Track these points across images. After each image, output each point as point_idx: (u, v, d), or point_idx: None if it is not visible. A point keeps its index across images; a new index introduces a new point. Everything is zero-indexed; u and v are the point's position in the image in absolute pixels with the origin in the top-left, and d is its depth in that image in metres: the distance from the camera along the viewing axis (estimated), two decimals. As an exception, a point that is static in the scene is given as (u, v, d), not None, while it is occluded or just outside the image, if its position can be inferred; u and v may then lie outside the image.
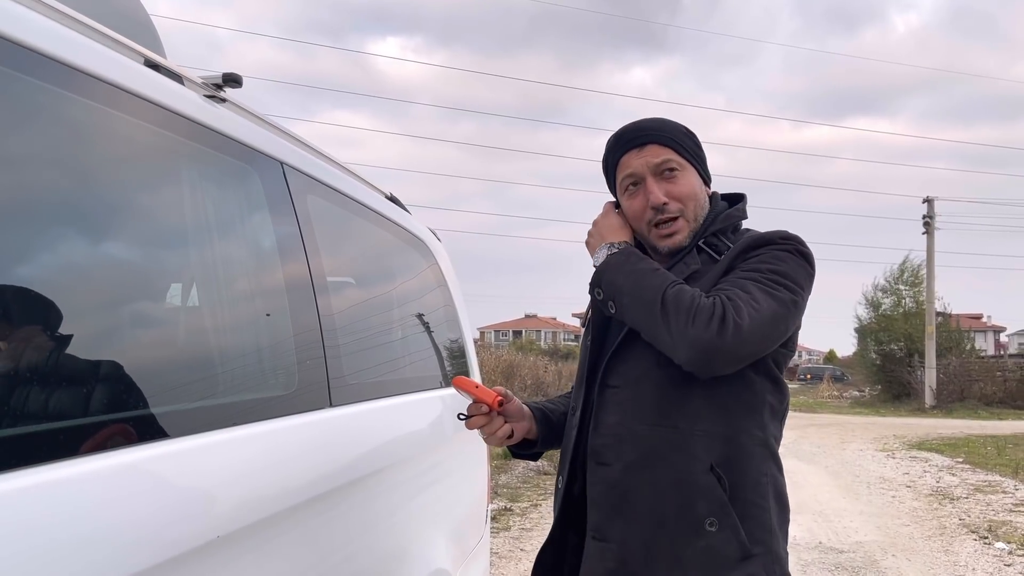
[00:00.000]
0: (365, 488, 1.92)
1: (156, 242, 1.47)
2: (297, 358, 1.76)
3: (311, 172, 2.02)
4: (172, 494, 1.24)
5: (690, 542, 1.53)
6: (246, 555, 1.38)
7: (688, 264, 1.64)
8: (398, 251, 2.73)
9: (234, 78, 1.78)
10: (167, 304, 1.54)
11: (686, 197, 1.67)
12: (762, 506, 1.59)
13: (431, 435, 2.57)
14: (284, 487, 1.54)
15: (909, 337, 28.61)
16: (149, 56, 1.52)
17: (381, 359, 2.39)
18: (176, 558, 1.18)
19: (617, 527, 1.58)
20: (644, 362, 1.59)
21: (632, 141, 1.69)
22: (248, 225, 1.77)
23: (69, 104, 1.23)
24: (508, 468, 10.25)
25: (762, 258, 1.58)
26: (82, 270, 1.25)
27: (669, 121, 1.74)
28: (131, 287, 1.37)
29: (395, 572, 2.08)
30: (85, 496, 1.07)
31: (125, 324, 1.32)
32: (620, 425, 1.60)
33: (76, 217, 1.25)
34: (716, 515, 1.54)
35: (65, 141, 1.24)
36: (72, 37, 1.27)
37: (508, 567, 5.72)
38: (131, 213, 1.41)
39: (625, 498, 1.58)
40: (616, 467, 1.59)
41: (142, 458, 1.20)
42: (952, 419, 20.77)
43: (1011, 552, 6.28)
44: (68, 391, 1.13)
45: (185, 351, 1.49)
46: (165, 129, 1.46)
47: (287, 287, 1.78)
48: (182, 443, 1.29)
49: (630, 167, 1.69)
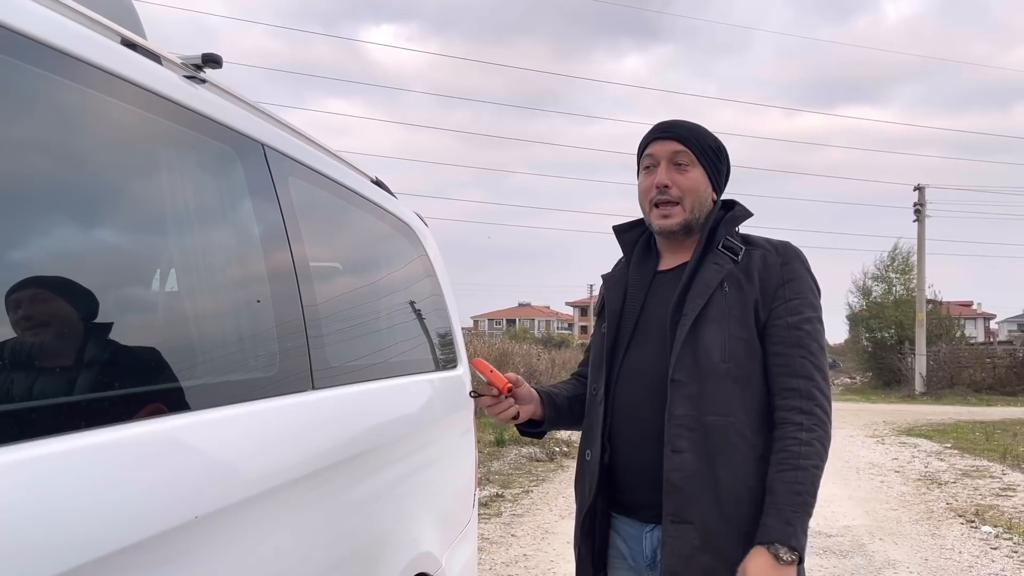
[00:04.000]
0: (350, 470, 1.92)
1: (134, 226, 1.46)
2: (279, 342, 1.75)
3: (293, 155, 2.01)
4: (149, 473, 1.24)
5: (758, 517, 1.74)
6: (225, 536, 1.38)
7: (720, 264, 1.85)
8: (383, 236, 2.72)
9: (213, 58, 1.76)
10: (145, 289, 1.53)
11: (688, 189, 1.89)
12: None
13: (417, 419, 2.57)
14: (267, 468, 1.54)
15: (900, 324, 28.75)
16: (126, 35, 1.51)
17: (366, 343, 2.38)
18: (154, 537, 1.18)
19: (698, 508, 1.74)
20: (707, 360, 1.78)
21: (662, 133, 1.94)
22: (229, 208, 1.76)
23: (42, 83, 1.22)
24: (500, 455, 10.28)
25: (801, 285, 1.84)
26: (60, 254, 1.24)
27: (701, 130, 1.97)
28: (111, 271, 1.36)
29: (380, 556, 2.08)
30: (69, 474, 1.06)
31: (107, 308, 1.31)
32: (691, 417, 1.77)
33: (53, 200, 1.24)
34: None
35: (37, 121, 1.23)
36: (45, 14, 1.26)
37: (499, 552, 5.74)
38: (109, 196, 1.40)
39: (704, 482, 1.75)
40: (689, 454, 1.75)
41: (125, 437, 1.19)
42: (942, 405, 20.90)
43: (997, 536, 6.33)
44: (53, 373, 1.12)
45: (162, 335, 1.48)
46: (142, 109, 1.45)
47: (268, 271, 1.77)
48: (164, 423, 1.29)
49: (653, 151, 1.93)
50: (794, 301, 1.82)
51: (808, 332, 1.81)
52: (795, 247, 1.92)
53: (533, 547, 5.90)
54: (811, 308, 1.84)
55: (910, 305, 27.84)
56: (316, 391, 1.83)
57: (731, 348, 1.79)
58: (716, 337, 1.79)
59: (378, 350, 2.45)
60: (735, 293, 1.82)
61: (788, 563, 1.65)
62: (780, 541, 1.66)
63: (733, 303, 1.81)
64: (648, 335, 1.89)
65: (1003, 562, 5.60)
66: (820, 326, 1.85)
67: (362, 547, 1.98)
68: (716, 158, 1.95)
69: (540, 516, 6.90)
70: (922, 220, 27.00)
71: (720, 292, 1.82)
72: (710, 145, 1.94)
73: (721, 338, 1.79)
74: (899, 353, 28.09)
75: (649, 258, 2.02)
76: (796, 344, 1.80)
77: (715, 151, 1.95)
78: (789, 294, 1.82)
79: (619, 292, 1.99)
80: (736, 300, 1.81)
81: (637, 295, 1.95)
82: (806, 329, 1.81)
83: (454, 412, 2.90)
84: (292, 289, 1.83)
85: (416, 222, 3.03)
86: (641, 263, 2.01)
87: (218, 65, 1.75)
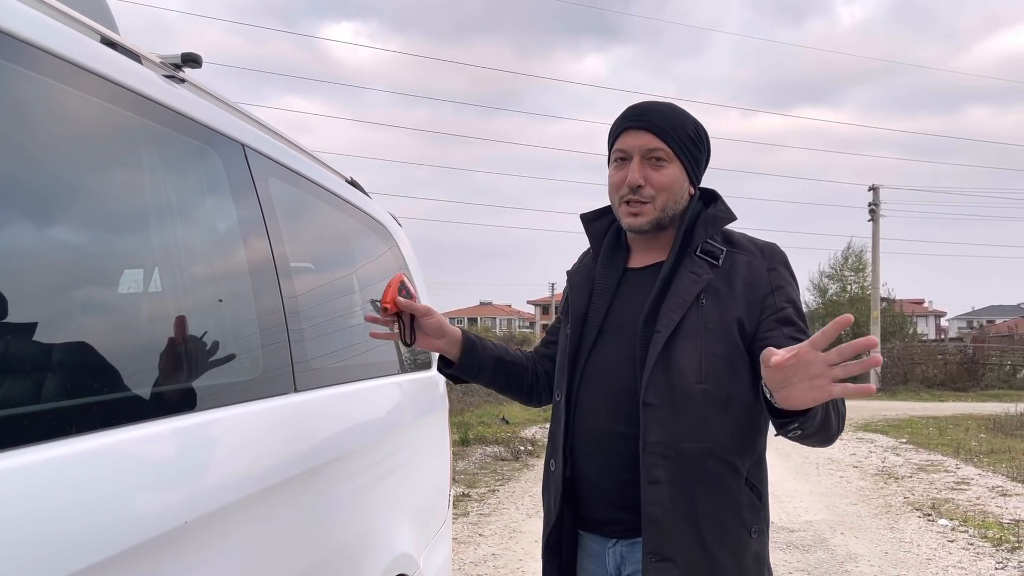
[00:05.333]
0: (331, 474, 1.90)
1: (117, 225, 1.43)
2: (262, 344, 1.74)
3: (273, 155, 1.99)
4: (140, 479, 1.22)
5: (747, 550, 1.66)
6: (213, 540, 1.36)
7: (698, 274, 1.69)
8: (359, 235, 2.71)
9: (193, 58, 1.74)
10: (127, 290, 1.51)
11: (662, 188, 1.73)
12: (768, 508, 1.77)
13: (393, 421, 2.56)
14: (245, 473, 1.53)
15: (855, 322, 29.30)
16: (106, 34, 1.48)
17: (344, 345, 2.37)
18: (144, 543, 1.16)
19: (680, 545, 1.61)
20: (681, 382, 1.63)
21: (635, 122, 1.75)
22: (210, 208, 1.74)
23: (20, 80, 1.19)
24: (465, 455, 10.27)
25: (791, 293, 1.72)
26: (40, 255, 1.21)
27: (678, 115, 1.78)
28: (91, 272, 1.34)
29: (360, 557, 2.07)
30: (53, 480, 1.04)
31: (85, 310, 1.29)
32: (664, 444, 1.63)
33: (34, 199, 1.21)
34: (756, 523, 1.69)
35: (16, 120, 1.20)
36: (25, 11, 1.23)
37: (467, 552, 5.74)
38: (90, 195, 1.37)
39: (685, 515, 1.61)
40: (667, 485, 1.61)
41: (110, 443, 1.17)
42: (896, 401, 21.35)
43: (953, 528, 6.49)
44: (33, 377, 1.10)
45: (144, 337, 1.46)
46: (123, 108, 1.43)
47: (250, 270, 1.75)
48: (149, 428, 1.27)
49: (624, 144, 1.76)
50: (786, 310, 1.69)
51: (799, 313, 1.71)
52: (780, 249, 1.79)
53: (501, 546, 5.91)
54: (800, 316, 1.71)
55: (865, 303, 28.40)
56: (298, 393, 1.82)
57: (708, 367, 1.63)
58: (691, 356, 1.63)
59: (356, 352, 2.43)
60: (714, 305, 1.66)
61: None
62: None
63: (711, 317, 1.65)
64: (613, 340, 1.75)
65: (960, 554, 5.75)
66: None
67: (342, 549, 1.97)
68: (695, 147, 1.77)
69: (507, 515, 6.91)
70: (876, 220, 27.54)
71: (696, 306, 1.66)
72: (688, 135, 1.76)
73: (696, 357, 1.63)
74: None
75: (619, 252, 1.85)
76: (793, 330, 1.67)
77: (694, 140, 1.77)
78: (780, 302, 1.69)
79: (584, 291, 1.83)
80: (714, 314, 1.66)
81: (604, 295, 1.80)
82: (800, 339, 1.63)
83: (429, 413, 2.90)
84: (274, 289, 1.81)
85: (390, 222, 3.02)
86: (610, 258, 1.85)
87: (198, 65, 1.73)
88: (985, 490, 8.08)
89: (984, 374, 26.17)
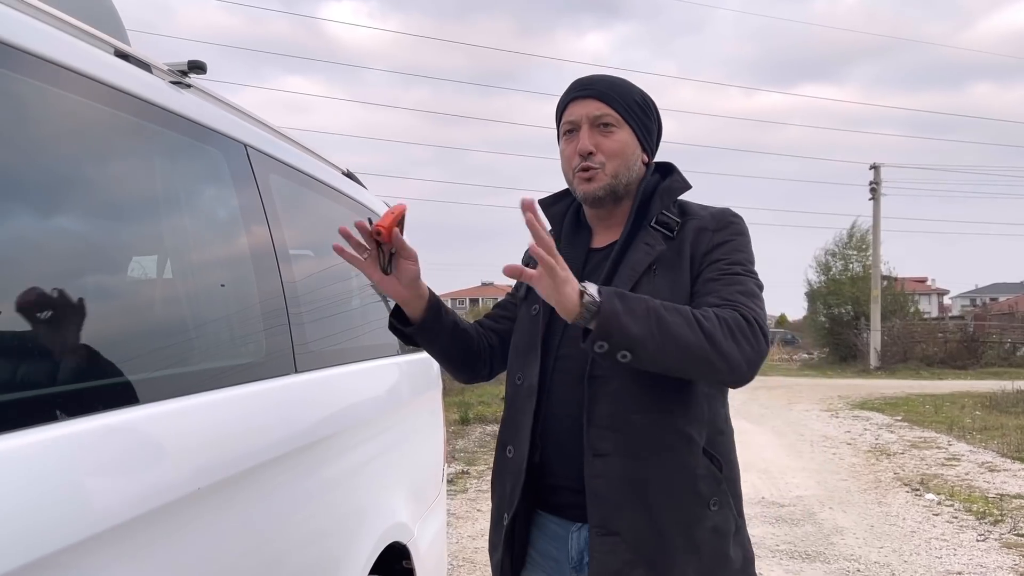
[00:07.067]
0: (330, 448, 2.06)
1: (130, 220, 1.58)
2: (264, 328, 1.89)
3: (273, 152, 2.13)
4: (158, 450, 1.38)
5: (701, 523, 1.61)
6: (223, 505, 1.53)
7: (651, 245, 1.68)
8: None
9: (199, 65, 1.88)
10: (144, 278, 1.66)
11: (612, 153, 1.71)
12: (737, 479, 1.73)
13: (389, 399, 2.72)
14: (253, 446, 1.69)
15: (856, 301, 29.41)
16: (119, 47, 1.63)
17: (341, 328, 2.52)
18: (165, 506, 1.33)
19: (626, 518, 1.58)
20: None
21: (581, 92, 1.75)
22: (215, 204, 1.89)
23: (49, 97, 1.34)
24: (465, 433, 10.47)
25: (733, 245, 1.68)
26: (75, 249, 1.37)
27: (624, 84, 1.77)
28: (113, 263, 1.49)
29: (358, 526, 2.24)
30: (80, 451, 1.20)
31: (104, 296, 1.44)
32: (616, 416, 1.60)
33: (68, 200, 1.36)
34: (716, 495, 1.63)
35: (43, 130, 1.35)
36: (49, 32, 1.37)
37: (465, 527, 5.92)
38: (106, 192, 1.52)
39: (632, 489, 1.58)
40: (616, 458, 1.58)
41: (135, 417, 1.33)
42: (895, 379, 21.53)
43: (939, 503, 6.67)
44: (66, 360, 1.26)
45: (162, 321, 1.61)
46: (136, 116, 1.57)
47: (252, 259, 1.90)
48: (162, 406, 1.43)
49: (571, 115, 1.75)
50: (721, 261, 1.64)
51: (740, 281, 1.61)
52: (732, 213, 1.74)
53: (499, 521, 6.10)
54: (742, 266, 1.64)
55: (866, 282, 28.48)
56: (299, 374, 1.97)
57: None
58: None
59: (353, 334, 2.59)
60: (665, 276, 1.65)
61: (582, 298, 1.44)
62: (589, 288, 1.45)
63: (662, 287, 1.62)
64: None
65: (943, 527, 5.92)
66: (755, 282, 1.64)
67: (342, 519, 2.14)
68: (644, 115, 1.76)
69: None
70: (877, 198, 27.59)
71: (648, 276, 1.65)
72: (636, 101, 1.75)
73: None
74: (855, 329, 28.78)
75: (580, 233, 1.84)
76: (729, 275, 1.62)
77: (642, 107, 1.76)
78: (717, 255, 1.66)
79: None
80: (666, 284, 1.64)
81: None
82: (738, 279, 1.61)
83: (423, 392, 3.06)
84: (274, 277, 1.96)
85: (384, 210, 3.16)
86: (572, 239, 1.83)
87: (203, 71, 1.87)
88: (975, 466, 8.26)
89: (984, 352, 26.31)
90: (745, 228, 1.74)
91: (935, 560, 5.13)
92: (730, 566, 1.66)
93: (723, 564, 1.64)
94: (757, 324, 1.54)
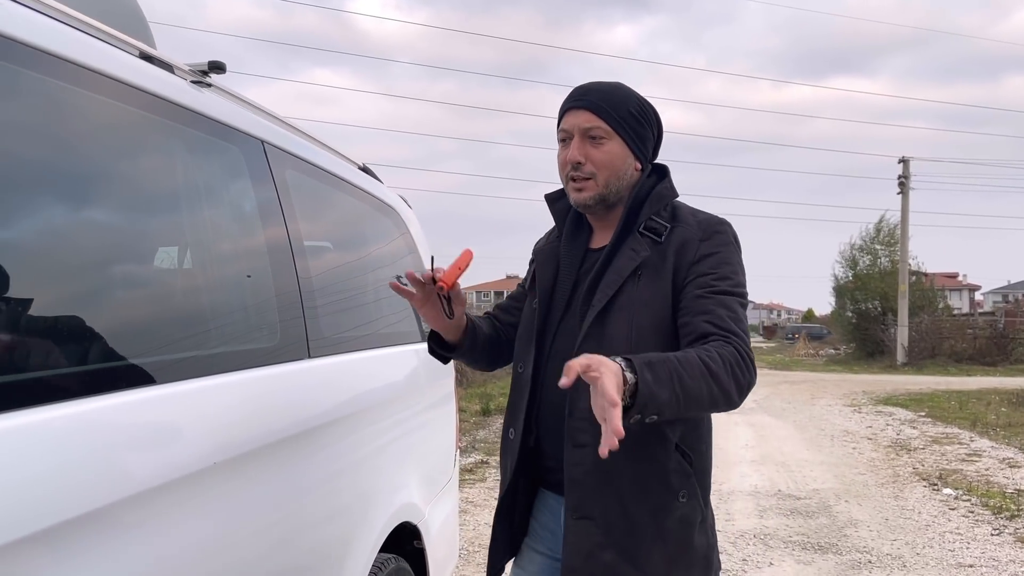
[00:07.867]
0: (342, 430, 2.17)
1: (153, 213, 1.69)
2: (279, 315, 2.00)
3: (289, 148, 2.24)
4: (174, 425, 1.49)
5: (668, 513, 1.72)
6: (239, 479, 1.64)
7: (636, 251, 1.76)
8: (370, 217, 2.96)
9: (218, 65, 1.99)
10: (167, 267, 1.78)
11: (601, 165, 1.79)
12: (708, 471, 1.84)
13: (403, 385, 2.82)
14: (269, 425, 1.80)
15: (884, 296, 29.17)
16: (144, 49, 1.73)
17: (356, 316, 2.63)
18: (184, 477, 1.44)
19: (599, 504, 1.70)
20: (611, 352, 1.57)
21: (575, 102, 1.82)
22: (233, 197, 2.00)
23: (74, 97, 1.45)
24: (486, 424, 10.58)
25: (720, 257, 1.73)
26: (107, 240, 1.48)
27: (619, 94, 1.82)
28: (138, 254, 1.61)
29: (372, 505, 2.35)
30: (107, 423, 1.31)
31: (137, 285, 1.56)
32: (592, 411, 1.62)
33: (97, 194, 1.48)
34: (685, 487, 1.73)
35: (76, 131, 1.46)
36: (76, 36, 1.48)
37: (482, 514, 6.04)
38: (139, 189, 1.63)
39: (607, 478, 1.69)
40: (593, 449, 1.60)
41: (163, 394, 1.45)
42: (922, 375, 21.36)
43: (957, 497, 6.67)
44: (101, 342, 1.37)
45: (182, 307, 1.72)
46: (160, 115, 1.68)
47: (268, 251, 2.01)
48: (183, 386, 1.54)
49: (566, 124, 1.82)
50: (708, 276, 1.71)
51: (729, 304, 1.68)
52: (721, 221, 1.80)
53: (516, 509, 6.20)
54: (728, 281, 1.71)
55: (894, 276, 28.24)
56: (312, 359, 2.08)
57: (638, 338, 1.70)
58: (622, 328, 1.71)
59: (367, 322, 2.70)
60: (650, 281, 1.73)
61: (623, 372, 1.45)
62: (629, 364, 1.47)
63: (645, 292, 1.72)
64: (575, 317, 1.82)
65: (959, 521, 5.94)
66: (740, 299, 1.71)
67: (356, 497, 2.24)
68: (638, 124, 1.82)
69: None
70: (906, 193, 27.32)
71: (632, 280, 1.73)
72: (630, 112, 1.80)
73: (627, 329, 1.71)
74: (882, 324, 28.54)
75: (581, 232, 1.93)
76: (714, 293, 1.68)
77: (636, 117, 1.81)
78: (704, 268, 1.72)
79: (551, 268, 1.91)
80: (650, 289, 1.73)
81: (569, 272, 1.88)
82: (726, 301, 1.68)
83: (436, 380, 3.16)
84: (289, 268, 2.07)
85: (400, 204, 3.27)
86: (573, 237, 1.92)
87: (222, 71, 1.98)
88: (995, 462, 8.23)
89: (1014, 349, 25.97)
90: (733, 237, 1.80)
91: (947, 553, 5.15)
92: (694, 553, 1.77)
93: (688, 551, 1.76)
94: (750, 358, 1.64)
